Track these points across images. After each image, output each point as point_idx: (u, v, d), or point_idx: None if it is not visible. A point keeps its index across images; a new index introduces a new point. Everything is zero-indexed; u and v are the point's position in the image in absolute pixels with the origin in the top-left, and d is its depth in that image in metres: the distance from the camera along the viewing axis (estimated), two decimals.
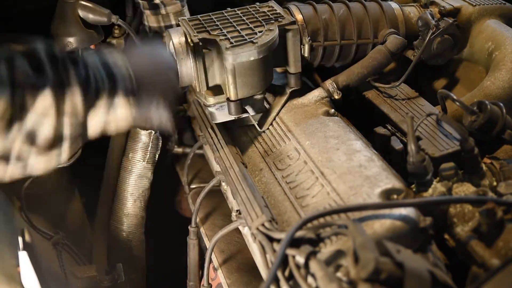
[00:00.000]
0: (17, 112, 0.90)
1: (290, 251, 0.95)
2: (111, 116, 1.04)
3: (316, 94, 1.40)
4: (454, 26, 1.46)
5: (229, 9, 1.41)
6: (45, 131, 0.95)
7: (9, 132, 0.91)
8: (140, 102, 1.09)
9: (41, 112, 0.93)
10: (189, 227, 1.50)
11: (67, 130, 0.97)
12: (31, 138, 0.93)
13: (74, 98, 0.97)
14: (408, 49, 1.50)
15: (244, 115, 1.35)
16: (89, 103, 1.00)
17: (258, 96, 1.34)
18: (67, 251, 1.54)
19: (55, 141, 0.97)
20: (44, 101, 0.93)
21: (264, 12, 1.38)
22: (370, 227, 1.00)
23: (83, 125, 1.01)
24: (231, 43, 1.24)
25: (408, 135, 1.10)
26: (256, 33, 1.28)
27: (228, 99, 1.31)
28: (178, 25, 1.73)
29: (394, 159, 1.21)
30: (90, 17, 1.66)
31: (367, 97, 1.43)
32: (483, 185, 1.16)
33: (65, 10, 1.65)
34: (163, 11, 1.77)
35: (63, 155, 1.00)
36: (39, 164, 0.98)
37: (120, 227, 1.74)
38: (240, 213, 1.20)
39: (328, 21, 1.44)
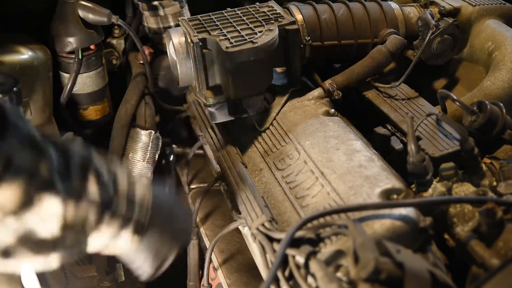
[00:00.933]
0: (22, 206, 0.80)
1: (290, 251, 0.95)
2: (113, 243, 0.95)
3: (316, 94, 1.40)
4: (454, 26, 1.47)
5: (229, 9, 1.41)
6: (43, 235, 0.84)
7: (5, 224, 0.80)
8: (145, 241, 0.99)
9: (46, 216, 0.83)
10: None
11: (67, 241, 0.87)
12: (26, 237, 0.83)
13: (89, 216, 0.88)
14: (408, 49, 1.50)
15: (244, 115, 1.35)
16: (101, 224, 0.91)
17: (258, 96, 1.34)
18: None
19: (49, 247, 0.87)
20: (55, 208, 0.83)
21: (264, 12, 1.38)
22: (370, 227, 1.00)
23: (84, 241, 0.91)
24: (231, 43, 1.24)
25: (408, 135, 1.10)
26: (256, 33, 1.28)
27: (228, 99, 1.31)
28: (177, 26, 1.73)
29: (394, 159, 1.21)
30: (90, 17, 1.66)
31: (367, 97, 1.43)
32: (483, 185, 1.16)
33: (65, 10, 1.65)
34: (161, 13, 1.77)
35: (53, 262, 0.89)
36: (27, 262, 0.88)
37: None
38: (240, 213, 1.20)
39: (328, 21, 1.44)
